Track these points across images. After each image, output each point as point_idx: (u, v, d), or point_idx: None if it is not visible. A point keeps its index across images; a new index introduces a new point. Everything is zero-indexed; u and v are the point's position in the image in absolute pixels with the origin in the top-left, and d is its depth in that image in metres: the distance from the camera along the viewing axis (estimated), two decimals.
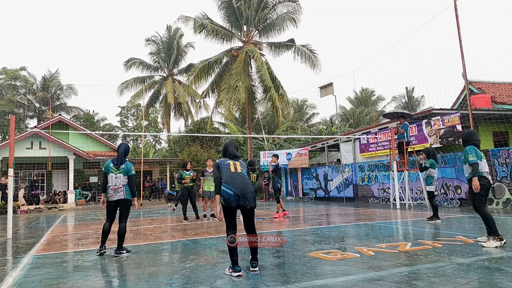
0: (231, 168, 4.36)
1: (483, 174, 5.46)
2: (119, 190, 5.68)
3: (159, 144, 47.22)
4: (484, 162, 5.54)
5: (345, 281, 3.76)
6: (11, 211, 8.66)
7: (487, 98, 16.18)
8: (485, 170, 5.50)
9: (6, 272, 4.71)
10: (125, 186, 5.74)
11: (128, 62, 34.74)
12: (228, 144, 4.71)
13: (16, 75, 37.65)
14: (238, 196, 4.19)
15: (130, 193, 5.76)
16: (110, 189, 5.70)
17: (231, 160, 4.48)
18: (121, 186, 5.71)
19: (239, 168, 4.40)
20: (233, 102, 22.26)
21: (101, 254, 5.61)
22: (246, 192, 4.23)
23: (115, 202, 5.72)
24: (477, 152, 5.52)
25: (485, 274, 3.81)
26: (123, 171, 5.78)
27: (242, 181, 4.27)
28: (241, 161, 4.53)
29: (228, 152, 4.61)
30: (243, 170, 4.41)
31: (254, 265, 4.28)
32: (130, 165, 5.92)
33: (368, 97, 46.79)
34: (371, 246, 5.55)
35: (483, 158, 5.58)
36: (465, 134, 5.80)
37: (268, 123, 34.47)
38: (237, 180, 4.25)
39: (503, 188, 11.43)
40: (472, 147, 5.56)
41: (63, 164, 22.47)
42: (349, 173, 18.14)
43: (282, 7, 24.48)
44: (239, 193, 4.19)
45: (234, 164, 4.41)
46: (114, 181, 5.70)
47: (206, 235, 7.47)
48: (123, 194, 5.70)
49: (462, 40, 12.53)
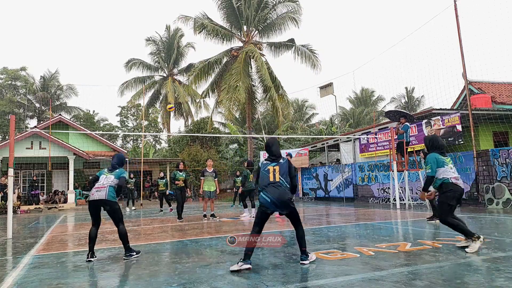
0: (270, 177, 4.52)
1: (450, 181, 5.03)
2: (102, 190, 5.29)
3: (159, 144, 47.23)
4: (450, 167, 5.12)
5: (345, 281, 3.76)
6: (11, 211, 8.66)
7: (487, 98, 16.18)
8: (453, 176, 5.07)
9: (6, 272, 4.71)
10: (110, 186, 5.35)
11: (129, 63, 34.76)
12: (271, 142, 4.72)
13: (16, 75, 37.66)
14: (274, 204, 4.42)
15: (113, 194, 5.35)
16: (94, 188, 5.37)
17: (271, 165, 4.58)
18: (106, 186, 5.33)
19: (277, 176, 4.50)
20: (233, 102, 22.26)
21: (89, 261, 5.14)
22: (282, 201, 4.41)
23: (95, 203, 5.32)
24: (439, 160, 5.13)
25: (485, 274, 3.81)
26: (116, 174, 5.54)
27: (280, 191, 4.43)
28: (281, 163, 4.57)
29: (272, 150, 4.67)
30: (281, 177, 4.50)
31: (303, 258, 4.54)
32: (123, 170, 5.73)
33: (368, 97, 46.77)
34: (371, 246, 5.55)
35: (449, 163, 5.16)
36: (428, 140, 5.49)
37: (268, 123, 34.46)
38: (275, 189, 4.43)
39: (503, 188, 11.43)
40: (434, 155, 5.18)
41: (63, 164, 22.48)
42: (349, 173, 18.14)
43: (282, 7, 24.49)
44: (276, 202, 4.40)
45: (273, 172, 4.52)
46: (103, 181, 5.41)
47: (206, 235, 7.48)
48: (105, 194, 5.27)
49: (462, 40, 12.54)
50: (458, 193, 5.02)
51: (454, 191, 5.00)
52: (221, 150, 30.13)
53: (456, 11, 12.64)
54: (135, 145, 41.86)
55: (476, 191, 12.16)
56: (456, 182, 5.05)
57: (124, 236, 5.35)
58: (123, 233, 5.37)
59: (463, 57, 12.61)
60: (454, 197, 5.01)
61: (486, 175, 11.95)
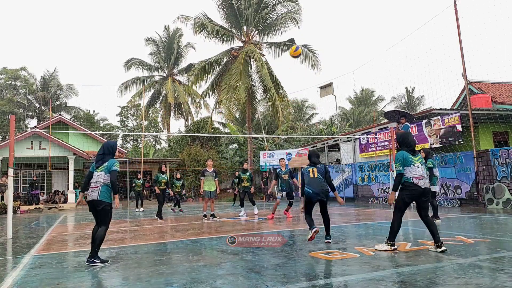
0: (310, 174, 6.03)
1: (411, 181, 5.06)
2: (95, 190, 5.02)
3: (159, 144, 47.22)
4: (416, 167, 5.11)
5: (345, 281, 3.76)
6: (11, 211, 8.66)
7: (487, 98, 16.18)
8: (416, 175, 5.07)
9: (6, 272, 4.71)
10: (103, 186, 5.02)
11: (128, 62, 34.76)
12: (311, 154, 6.33)
13: (16, 75, 37.65)
14: (317, 194, 5.86)
15: (106, 194, 5.03)
16: (90, 188, 5.12)
17: (311, 167, 6.10)
18: (98, 186, 5.02)
19: (316, 174, 6.01)
20: (233, 102, 22.27)
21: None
22: (321, 190, 5.89)
23: (91, 204, 5.07)
24: (406, 158, 5.15)
25: (485, 274, 3.81)
26: (105, 168, 5.08)
27: (318, 183, 5.92)
28: (318, 167, 6.08)
29: (311, 160, 6.23)
30: (319, 174, 5.99)
31: (327, 238, 6.02)
32: (114, 161, 5.16)
33: (368, 97, 46.78)
34: (371, 246, 5.55)
35: (416, 162, 5.15)
36: (399, 136, 5.49)
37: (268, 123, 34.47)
38: (315, 182, 5.93)
39: (503, 188, 11.43)
40: (402, 153, 5.22)
41: (63, 164, 22.47)
42: (349, 173, 18.15)
43: (282, 7, 24.50)
44: (317, 191, 5.86)
45: (313, 171, 6.03)
46: (95, 179, 5.10)
47: (206, 235, 7.47)
48: (97, 194, 4.99)
49: (462, 40, 12.55)
50: (416, 192, 5.09)
51: (411, 191, 5.09)
52: (221, 150, 30.14)
53: (456, 11, 12.65)
54: (135, 145, 41.86)
55: (476, 191, 12.16)
56: (417, 182, 5.07)
57: (99, 239, 4.96)
58: (101, 236, 4.98)
59: (463, 57, 12.61)
60: (411, 196, 5.13)
61: (486, 175, 11.94)
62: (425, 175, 5.16)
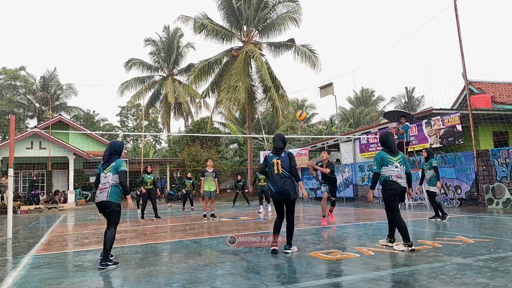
0: (274, 169, 5.31)
1: (390, 179, 5.30)
2: (104, 191, 4.96)
3: (159, 144, 47.20)
4: (394, 166, 5.32)
5: (345, 281, 3.76)
6: (11, 211, 8.66)
7: (487, 98, 16.17)
8: (394, 173, 5.32)
9: (6, 272, 4.71)
10: (112, 187, 4.96)
11: (128, 62, 34.77)
12: (275, 138, 5.54)
13: (16, 75, 37.64)
14: (279, 193, 5.25)
15: (116, 195, 4.96)
16: (98, 190, 5.05)
17: (275, 158, 5.34)
18: (107, 187, 4.96)
19: (280, 169, 5.27)
20: (233, 102, 22.27)
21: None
22: (285, 189, 5.21)
23: (100, 205, 5.00)
24: (384, 158, 5.37)
25: (485, 274, 3.81)
26: (113, 169, 5.01)
27: (282, 180, 5.24)
28: (282, 157, 5.30)
29: (274, 145, 5.47)
30: (284, 170, 5.26)
31: (286, 248, 5.24)
32: (120, 161, 5.07)
33: (368, 97, 46.78)
34: (371, 246, 5.55)
35: (395, 162, 5.35)
36: (380, 137, 5.71)
37: (268, 123, 34.47)
38: (277, 179, 5.26)
39: (503, 188, 11.43)
40: (380, 153, 5.46)
41: (63, 164, 22.47)
42: (349, 173, 18.14)
43: (282, 7, 24.51)
44: (279, 190, 5.23)
45: (277, 164, 5.30)
46: (103, 180, 5.02)
47: (206, 235, 7.47)
48: (107, 196, 4.92)
49: (462, 40, 12.54)
50: (397, 190, 5.31)
51: (392, 188, 5.31)
52: (221, 150, 30.14)
53: (456, 11, 12.65)
54: (135, 145, 41.85)
55: (476, 191, 12.16)
56: (397, 180, 5.31)
57: (110, 241, 4.83)
58: (111, 238, 4.85)
59: (463, 57, 12.61)
60: (393, 193, 5.33)
61: (486, 175, 11.94)
62: (403, 175, 5.39)
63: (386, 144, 5.51)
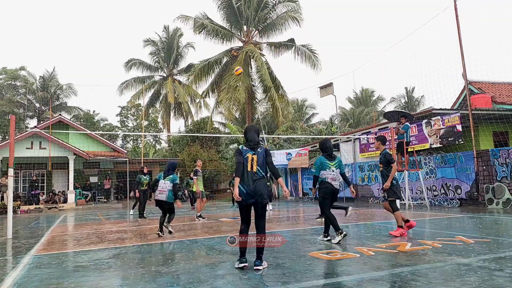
0: (248, 165, 4.43)
1: (326, 180, 6.03)
2: (163, 193, 7.38)
3: (159, 144, 47.20)
4: (331, 170, 6.04)
5: (345, 281, 3.76)
6: (11, 211, 8.66)
7: (487, 98, 16.17)
8: (330, 176, 6.01)
9: (6, 272, 4.71)
10: (169, 191, 7.36)
11: (128, 63, 34.77)
12: (249, 130, 4.72)
13: (16, 75, 37.64)
14: (250, 194, 4.36)
15: (171, 197, 7.37)
16: (157, 190, 7.43)
17: (249, 153, 4.48)
18: (166, 191, 7.37)
19: (254, 166, 4.43)
20: (233, 102, 22.29)
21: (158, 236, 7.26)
22: (258, 190, 4.36)
23: (159, 202, 7.45)
24: (323, 163, 6.06)
25: (485, 274, 3.81)
26: (170, 179, 7.49)
27: (255, 180, 4.38)
28: (258, 153, 4.48)
29: (247, 137, 4.63)
30: (259, 168, 4.43)
31: (257, 264, 4.35)
32: (175, 176, 7.62)
33: (368, 97, 46.77)
34: (371, 246, 5.55)
35: (332, 166, 6.06)
36: (320, 143, 6.39)
37: (268, 123, 34.46)
38: (250, 178, 4.38)
39: (503, 188, 11.42)
40: (319, 159, 6.15)
41: (63, 164, 22.46)
42: (349, 173, 18.14)
43: (282, 7, 24.51)
44: (251, 191, 4.35)
45: (252, 161, 4.44)
46: (163, 185, 7.41)
47: (206, 235, 7.48)
48: (165, 197, 7.34)
49: (462, 40, 12.54)
50: (330, 189, 6.03)
51: (326, 187, 6.04)
52: (221, 150, 30.14)
53: (456, 11, 12.64)
54: (135, 145, 41.84)
55: (476, 191, 12.16)
56: (331, 181, 6.03)
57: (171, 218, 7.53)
58: (172, 217, 7.57)
59: (463, 57, 12.61)
60: (327, 192, 6.05)
61: (486, 175, 11.94)
62: (338, 177, 6.12)
63: (325, 149, 6.19)
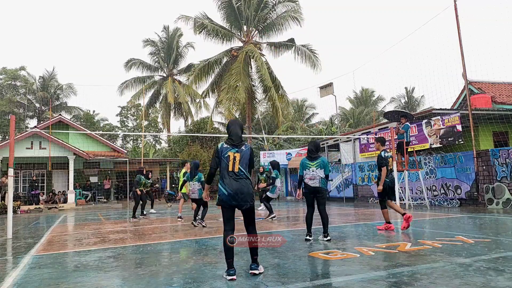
0: (229, 164, 4.03)
1: (305, 180, 6.34)
2: (195, 193, 9.02)
3: (159, 144, 47.20)
4: (311, 170, 6.27)
5: (345, 281, 3.76)
6: (11, 211, 8.66)
7: (487, 98, 16.17)
8: (308, 176, 6.28)
9: (6, 272, 4.71)
10: (199, 190, 8.89)
11: (128, 63, 34.76)
12: (231, 123, 4.32)
13: (15, 75, 37.65)
14: (233, 197, 3.98)
15: (200, 194, 8.85)
16: (190, 191, 9.09)
17: (232, 150, 4.08)
18: (196, 190, 8.98)
19: (237, 165, 4.04)
20: (233, 102, 22.29)
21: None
22: (242, 192, 3.99)
23: (194, 199, 9.15)
24: (304, 164, 6.37)
25: (485, 274, 3.81)
26: (197, 179, 8.94)
27: (238, 180, 4.02)
28: (243, 151, 4.10)
29: (230, 132, 4.19)
30: (241, 168, 4.04)
31: (253, 268, 4.12)
32: (201, 174, 9.01)
33: (368, 97, 46.78)
34: (371, 246, 5.55)
35: (312, 167, 6.30)
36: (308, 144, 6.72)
37: (268, 123, 34.47)
38: (233, 179, 4.02)
39: (503, 188, 11.43)
40: (302, 160, 6.49)
41: (63, 164, 22.45)
42: (349, 173, 18.14)
43: (282, 7, 24.51)
44: (234, 193, 3.98)
45: (234, 159, 4.04)
46: (193, 186, 8.99)
47: (206, 235, 7.48)
48: (198, 195, 9.00)
49: (462, 40, 12.54)
50: (308, 189, 6.29)
51: (305, 188, 6.36)
52: None
53: (456, 11, 12.65)
54: (135, 145, 41.83)
55: (476, 191, 12.16)
56: (308, 182, 6.26)
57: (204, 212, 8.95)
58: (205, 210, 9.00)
59: (463, 57, 12.61)
60: (306, 191, 6.35)
61: (486, 175, 11.94)
62: (317, 177, 6.20)
63: (308, 151, 6.49)
